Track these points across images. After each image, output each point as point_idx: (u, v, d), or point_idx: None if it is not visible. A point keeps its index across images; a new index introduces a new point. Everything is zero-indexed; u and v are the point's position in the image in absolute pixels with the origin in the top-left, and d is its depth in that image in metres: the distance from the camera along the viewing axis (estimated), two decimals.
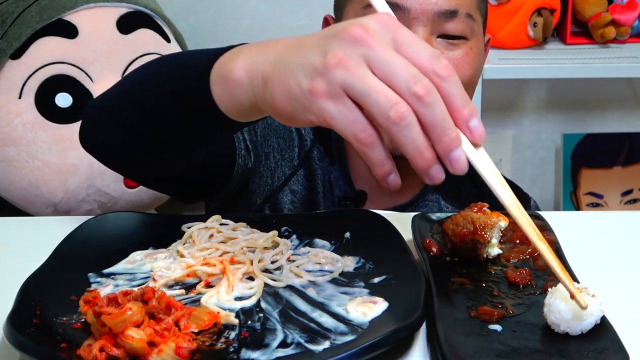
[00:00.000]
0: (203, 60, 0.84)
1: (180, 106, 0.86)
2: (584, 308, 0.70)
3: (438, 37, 1.12)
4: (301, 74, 0.70)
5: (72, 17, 1.55)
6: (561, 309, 0.71)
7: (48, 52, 1.52)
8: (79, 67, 1.54)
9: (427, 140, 0.67)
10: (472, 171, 1.33)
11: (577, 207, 2.13)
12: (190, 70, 0.85)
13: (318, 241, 0.92)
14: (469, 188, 1.28)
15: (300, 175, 1.23)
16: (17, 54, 1.51)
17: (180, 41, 1.72)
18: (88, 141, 1.01)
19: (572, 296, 0.70)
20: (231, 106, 0.80)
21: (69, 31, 1.54)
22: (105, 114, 0.98)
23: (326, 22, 1.24)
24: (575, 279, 0.80)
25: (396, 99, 0.66)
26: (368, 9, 1.11)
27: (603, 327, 0.71)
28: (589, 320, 0.71)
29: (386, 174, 0.69)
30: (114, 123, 0.95)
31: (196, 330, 0.73)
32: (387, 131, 0.67)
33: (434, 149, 0.67)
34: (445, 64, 0.67)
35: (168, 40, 1.66)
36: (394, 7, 1.10)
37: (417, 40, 0.68)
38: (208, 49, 0.89)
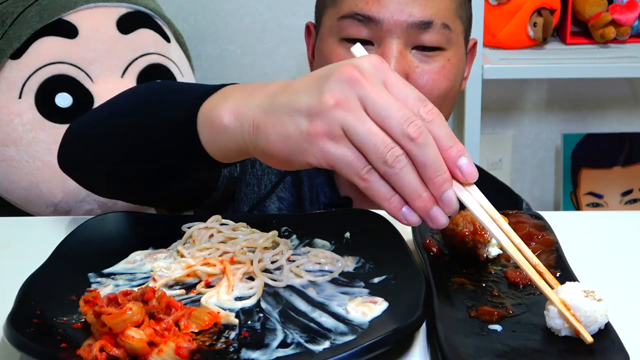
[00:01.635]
0: (189, 103, 0.83)
1: (164, 146, 0.85)
2: (589, 343, 0.68)
3: (413, 48, 1.10)
4: (298, 116, 0.70)
5: (72, 17, 1.55)
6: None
7: (48, 52, 1.52)
8: (79, 67, 1.54)
9: (422, 184, 0.69)
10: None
11: (577, 207, 2.13)
12: (177, 111, 0.84)
13: (318, 241, 0.92)
14: None
15: (288, 182, 1.22)
16: (17, 54, 1.51)
17: (180, 41, 1.72)
18: (65, 161, 1.00)
19: (577, 333, 0.69)
20: (218, 150, 0.81)
21: (69, 31, 1.54)
22: (87, 140, 0.96)
23: (308, 30, 1.24)
24: (575, 279, 0.80)
25: (392, 143, 0.68)
26: (343, 20, 1.11)
27: (603, 327, 0.71)
28: (591, 328, 0.70)
29: (396, 207, 0.70)
30: (94, 150, 0.94)
31: (196, 330, 0.73)
32: (383, 175, 0.69)
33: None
34: (430, 108, 0.69)
35: (168, 40, 1.66)
36: (367, 20, 1.09)
37: (404, 83, 0.71)
38: (195, 85, 0.88)
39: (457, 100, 1.21)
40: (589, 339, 0.68)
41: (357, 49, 0.77)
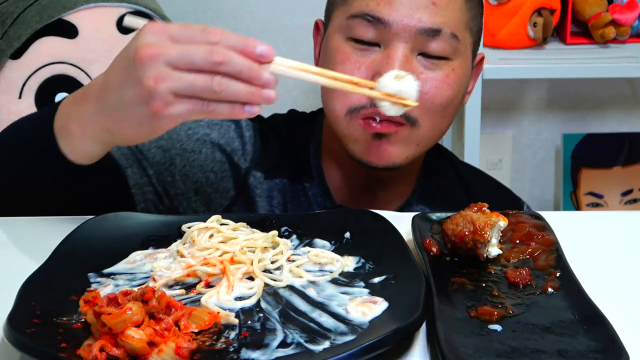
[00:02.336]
0: (45, 132, 0.95)
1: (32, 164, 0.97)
2: (415, 105, 0.92)
3: (419, 55, 1.09)
4: (135, 107, 0.84)
5: (72, 17, 1.55)
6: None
7: (48, 52, 1.52)
8: (79, 67, 1.54)
9: (247, 84, 0.83)
10: (461, 177, 1.33)
11: (577, 207, 2.13)
12: (36, 141, 0.97)
13: (318, 241, 0.92)
14: (459, 195, 1.27)
15: (240, 205, 1.20)
16: (17, 54, 1.51)
17: None
18: None
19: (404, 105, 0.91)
20: (85, 157, 0.94)
21: (69, 31, 1.54)
22: None
23: (316, 27, 1.23)
24: (575, 279, 0.80)
25: (209, 76, 0.81)
26: (352, 19, 1.10)
27: (603, 327, 0.71)
28: (414, 97, 0.91)
29: (241, 111, 0.84)
30: None
31: (196, 330, 0.73)
32: (220, 99, 0.83)
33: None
34: (213, 32, 0.83)
35: None
36: (376, 21, 1.09)
37: (182, 27, 0.84)
38: (37, 116, 1.03)
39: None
40: (414, 104, 0.91)
41: (131, 20, 0.90)
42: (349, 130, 1.11)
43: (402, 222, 0.93)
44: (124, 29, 1.59)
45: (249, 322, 0.75)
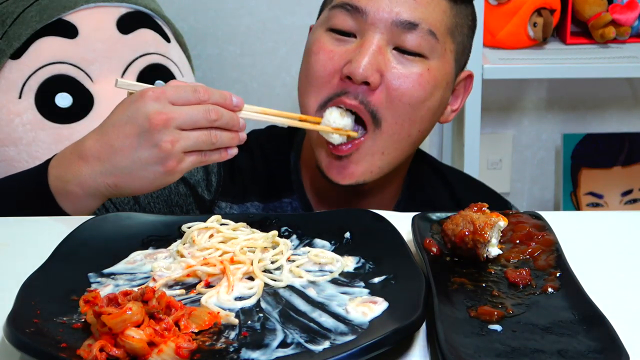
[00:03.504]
0: (41, 192, 1.02)
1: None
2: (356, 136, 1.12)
3: (394, 49, 1.09)
4: (151, 166, 0.97)
5: (72, 17, 1.55)
6: None
7: (48, 52, 1.52)
8: (79, 67, 1.54)
9: (231, 132, 0.99)
10: (449, 183, 1.32)
11: (577, 207, 2.13)
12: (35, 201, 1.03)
13: (318, 241, 0.92)
14: (445, 202, 1.26)
15: None
16: (17, 54, 1.51)
17: (180, 41, 1.72)
18: None
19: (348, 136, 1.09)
20: (85, 211, 1.02)
21: (69, 31, 1.54)
22: None
23: (310, 31, 1.23)
24: (575, 279, 0.80)
25: (208, 131, 0.97)
26: (333, 9, 1.11)
27: (603, 327, 0.71)
28: (350, 127, 1.10)
29: (226, 154, 1.01)
30: None
31: (196, 330, 0.73)
32: (221, 146, 0.99)
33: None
34: (202, 91, 0.98)
35: (168, 40, 1.66)
36: (354, 10, 1.09)
37: (178, 89, 0.97)
38: (24, 175, 1.08)
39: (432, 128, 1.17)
40: (355, 134, 1.10)
41: (124, 83, 1.02)
42: (315, 133, 1.11)
43: (402, 222, 0.93)
44: (124, 29, 1.59)
45: (249, 322, 0.75)
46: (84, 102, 1.54)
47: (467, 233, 0.84)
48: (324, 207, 1.20)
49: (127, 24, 1.59)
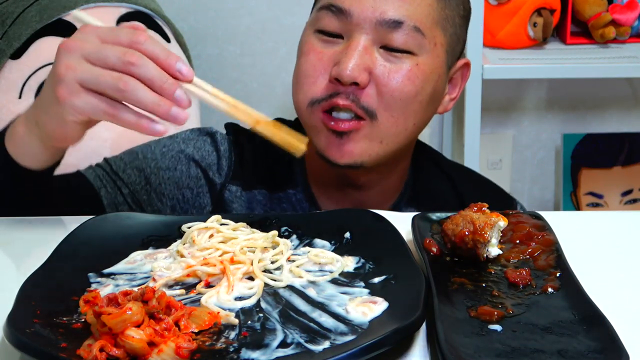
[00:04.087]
0: None
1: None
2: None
3: (381, 47, 1.08)
4: (49, 92, 0.88)
5: (72, 17, 1.55)
6: None
7: (48, 52, 1.52)
8: None
9: (157, 95, 0.84)
10: (451, 178, 1.31)
11: (577, 207, 2.13)
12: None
13: (318, 241, 0.92)
14: (448, 196, 1.26)
15: None
16: (17, 54, 1.51)
17: (180, 41, 1.72)
18: None
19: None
20: (30, 158, 0.96)
21: (69, 31, 1.54)
22: None
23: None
24: (575, 279, 0.80)
25: (117, 73, 0.83)
26: (319, 11, 1.11)
27: (603, 327, 0.71)
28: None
29: (147, 125, 0.85)
30: None
31: (196, 330, 0.73)
32: (122, 100, 0.85)
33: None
34: (140, 33, 0.85)
35: (168, 40, 1.66)
36: (339, 11, 1.09)
37: (114, 29, 0.88)
38: None
39: (432, 117, 1.17)
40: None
41: (78, 15, 0.94)
42: (311, 122, 1.12)
43: (402, 222, 0.93)
44: None
45: (249, 322, 0.75)
46: None
47: (467, 233, 0.84)
48: (327, 199, 1.20)
49: None
